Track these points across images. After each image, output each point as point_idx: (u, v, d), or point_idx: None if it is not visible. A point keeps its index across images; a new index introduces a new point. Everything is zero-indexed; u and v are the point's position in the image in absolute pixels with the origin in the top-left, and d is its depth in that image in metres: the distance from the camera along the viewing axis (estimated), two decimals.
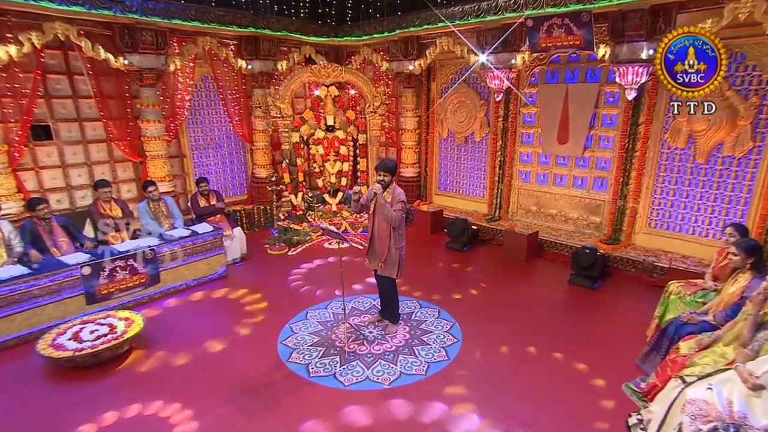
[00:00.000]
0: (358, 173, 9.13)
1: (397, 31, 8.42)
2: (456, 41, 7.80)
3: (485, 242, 7.97)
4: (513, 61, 7.25)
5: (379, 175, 4.48)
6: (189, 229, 6.62)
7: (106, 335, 4.74)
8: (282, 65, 8.72)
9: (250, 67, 8.35)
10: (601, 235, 7.24)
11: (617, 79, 6.21)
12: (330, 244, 8.09)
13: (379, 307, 5.16)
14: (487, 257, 7.39)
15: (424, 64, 8.46)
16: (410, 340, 4.87)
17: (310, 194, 8.98)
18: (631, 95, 6.17)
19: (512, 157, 8.11)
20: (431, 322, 5.24)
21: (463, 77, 8.53)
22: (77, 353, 4.46)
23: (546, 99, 7.51)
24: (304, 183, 8.72)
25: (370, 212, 4.63)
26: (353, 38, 9.25)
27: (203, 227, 6.74)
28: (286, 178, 8.49)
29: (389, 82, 9.25)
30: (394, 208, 4.40)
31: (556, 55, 7.21)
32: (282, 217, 8.41)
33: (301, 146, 8.67)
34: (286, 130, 8.40)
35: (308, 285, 6.32)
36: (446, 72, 8.87)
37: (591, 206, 7.34)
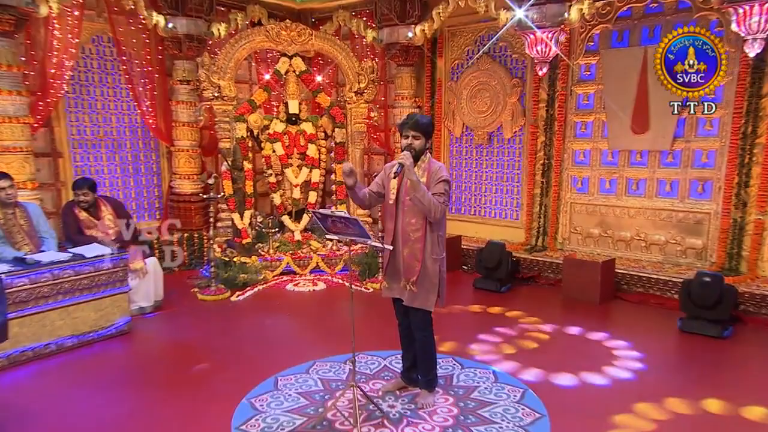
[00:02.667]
0: (333, 186, 8.16)
1: None
2: None
3: (528, 281, 7.29)
4: (566, 16, 6.60)
5: (406, 137, 3.73)
6: (69, 252, 5.30)
7: None
8: (219, 30, 7.90)
9: (171, 26, 7.47)
10: (708, 264, 6.46)
11: (734, 27, 5.52)
12: (297, 285, 7.04)
13: (402, 367, 4.31)
14: (540, 299, 6.66)
15: (429, 30, 7.86)
16: (462, 418, 3.85)
17: (260, 218, 7.87)
18: (753, 50, 5.45)
19: (561, 158, 7.56)
20: (487, 388, 4.33)
21: (488, 46, 7.95)
22: None
23: (613, 71, 6.91)
24: (253, 197, 7.62)
25: (390, 201, 3.85)
26: None
27: (94, 249, 5.42)
28: (228, 189, 7.32)
29: (377, 60, 8.50)
30: (432, 190, 3.65)
31: (627, 7, 6.56)
32: (218, 249, 7.17)
33: (250, 145, 7.72)
34: (227, 119, 7.46)
35: (270, 341, 5.39)
36: (460, 42, 8.40)
37: (687, 223, 6.70)
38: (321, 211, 3.71)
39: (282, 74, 7.77)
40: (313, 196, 7.92)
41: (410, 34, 7.95)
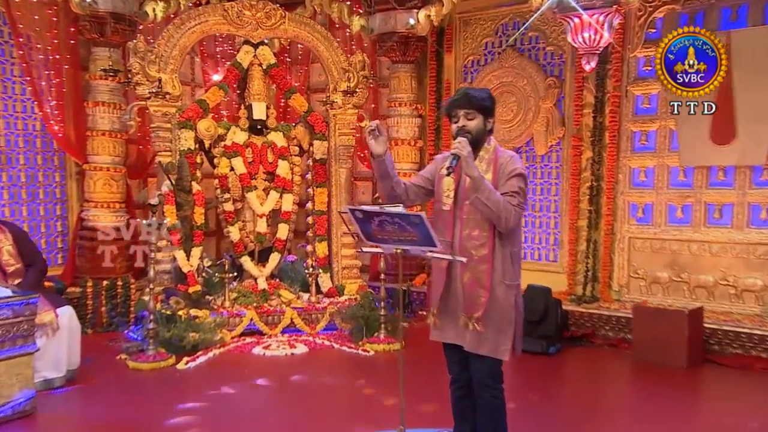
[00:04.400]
0: (310, 219, 7.74)
1: None
2: None
3: (580, 340, 7.04)
4: None
5: (456, 119, 3.58)
6: None
7: None
8: (155, 10, 7.57)
9: (90, 0, 7.08)
10: None
11: None
12: (269, 348, 6.58)
13: None
14: (605, 365, 6.46)
15: (437, 15, 7.79)
16: None
17: (207, 263, 7.36)
18: None
19: (615, 179, 7.48)
20: None
21: (518, 34, 7.84)
22: None
23: None
24: (203, 229, 7.16)
25: (445, 207, 3.66)
26: None
27: None
28: (170, 217, 6.83)
29: (366, 57, 8.24)
30: (502, 189, 3.46)
31: None
32: (154, 303, 6.54)
33: (199, 161, 7.30)
34: (169, 125, 7.06)
35: (247, 422, 5.00)
36: (475, 33, 8.36)
37: None
38: (364, 208, 3.35)
39: (244, 68, 7.41)
40: (284, 230, 7.50)
41: (412, 21, 7.86)
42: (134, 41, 7.12)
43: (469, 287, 3.51)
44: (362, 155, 8.52)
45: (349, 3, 8.24)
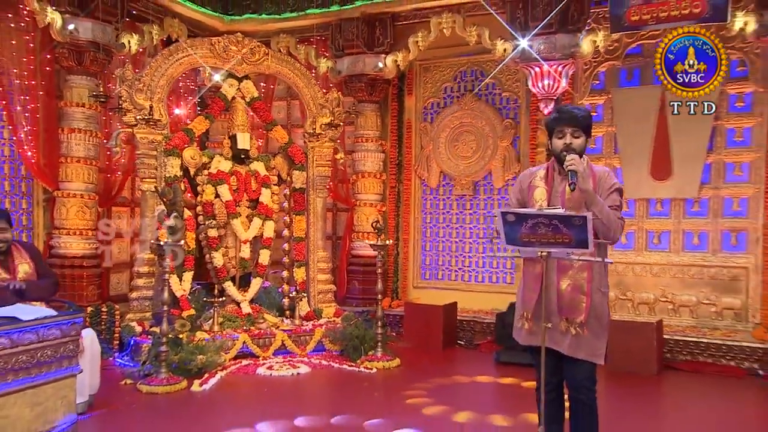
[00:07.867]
0: (286, 246, 7.47)
1: (357, 3, 7.73)
2: (469, 20, 7.41)
3: None
4: (578, 48, 6.83)
5: (560, 136, 3.50)
6: None
7: None
8: (130, 42, 7.42)
9: (71, 28, 6.75)
10: (751, 327, 6.51)
11: None
12: (272, 368, 6.17)
13: None
14: None
15: (403, 61, 7.87)
16: None
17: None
18: None
19: None
20: None
21: (486, 81, 8.01)
22: None
23: (626, 112, 7.18)
24: (194, 254, 6.76)
25: None
26: (259, 17, 8.27)
27: (30, 310, 4.16)
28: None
29: (340, 95, 8.07)
30: (608, 203, 3.46)
31: (637, 44, 7.06)
32: (137, 327, 6.31)
33: (182, 188, 6.95)
34: (154, 152, 6.69)
35: None
36: (435, 78, 8.49)
37: (721, 280, 6.83)
38: (519, 210, 3.21)
39: (228, 100, 7.13)
40: (265, 256, 7.17)
41: (380, 65, 7.83)
42: (122, 69, 6.80)
43: (569, 294, 3.46)
44: (327, 186, 8.28)
45: (315, 46, 8.14)
